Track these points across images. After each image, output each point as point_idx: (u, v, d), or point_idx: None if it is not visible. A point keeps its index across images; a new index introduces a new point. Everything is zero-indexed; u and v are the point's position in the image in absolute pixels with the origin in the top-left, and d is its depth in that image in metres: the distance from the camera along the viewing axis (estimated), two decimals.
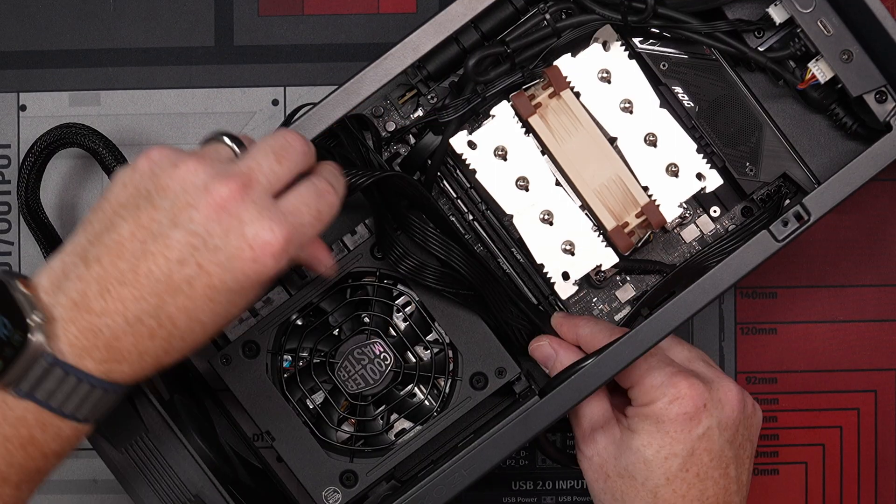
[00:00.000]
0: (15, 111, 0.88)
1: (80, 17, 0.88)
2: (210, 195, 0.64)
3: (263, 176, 0.66)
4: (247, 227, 0.64)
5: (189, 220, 0.64)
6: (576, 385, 0.75)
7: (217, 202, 0.64)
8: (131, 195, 0.66)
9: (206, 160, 0.66)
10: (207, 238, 0.64)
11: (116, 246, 0.65)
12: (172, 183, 0.65)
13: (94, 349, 0.64)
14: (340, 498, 0.79)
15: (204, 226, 0.64)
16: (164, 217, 0.64)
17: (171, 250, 0.64)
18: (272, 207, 0.65)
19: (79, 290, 0.64)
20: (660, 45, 0.81)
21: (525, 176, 0.79)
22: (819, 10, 0.77)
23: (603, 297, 0.82)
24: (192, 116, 0.88)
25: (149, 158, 0.66)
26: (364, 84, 0.75)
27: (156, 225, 0.64)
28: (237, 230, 0.64)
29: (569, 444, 0.89)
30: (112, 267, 0.64)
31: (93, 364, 0.65)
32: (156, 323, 0.65)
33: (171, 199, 0.65)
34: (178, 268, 0.64)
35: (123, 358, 0.65)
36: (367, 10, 0.88)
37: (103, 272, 0.64)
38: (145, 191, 0.65)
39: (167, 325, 0.65)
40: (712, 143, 0.81)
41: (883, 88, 0.77)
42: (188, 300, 0.65)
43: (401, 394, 0.81)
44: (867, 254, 0.89)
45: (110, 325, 0.64)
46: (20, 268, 0.88)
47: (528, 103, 0.78)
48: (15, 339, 0.64)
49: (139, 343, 0.65)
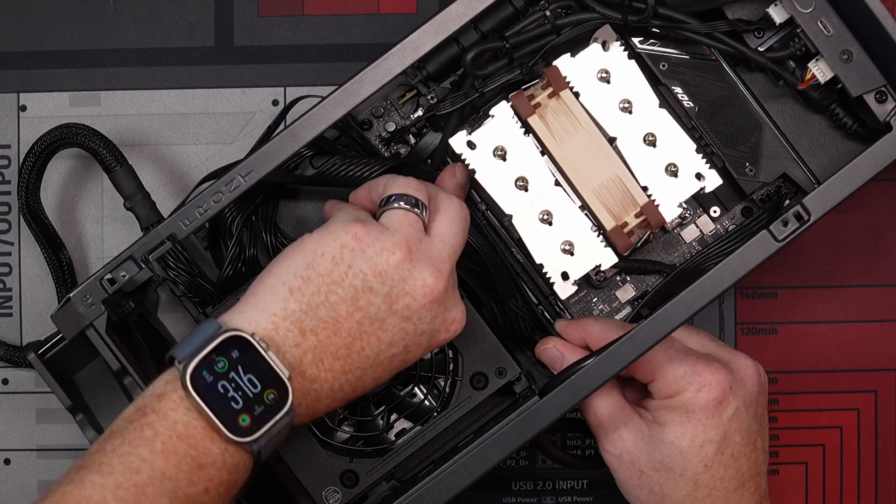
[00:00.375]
0: (15, 111, 0.88)
1: (81, 17, 0.88)
2: (426, 287, 0.71)
3: (456, 257, 0.73)
4: (448, 313, 0.73)
5: (406, 307, 0.71)
6: (576, 385, 0.75)
7: (433, 294, 0.71)
8: (345, 274, 0.71)
9: (411, 242, 0.71)
10: (418, 324, 0.72)
11: (333, 322, 0.70)
12: (389, 270, 0.71)
13: (300, 407, 0.70)
14: (341, 498, 0.79)
15: (418, 314, 0.71)
16: (382, 302, 0.71)
17: (385, 333, 0.71)
18: (458, 295, 0.74)
19: (296, 356, 0.70)
20: (659, 45, 0.81)
21: (524, 176, 0.79)
22: (819, 10, 0.77)
23: (603, 297, 0.82)
24: (193, 117, 0.88)
25: (357, 238, 0.71)
26: (364, 84, 0.76)
27: (374, 309, 0.71)
28: (441, 316, 0.72)
29: (569, 445, 0.89)
30: (328, 341, 0.70)
31: (295, 418, 0.70)
32: (351, 390, 0.72)
33: (388, 286, 0.71)
34: (387, 348, 0.71)
35: (313, 413, 0.71)
36: (367, 10, 0.88)
37: (319, 344, 0.70)
38: (360, 272, 0.70)
39: (358, 391, 0.72)
40: (712, 143, 0.81)
41: (883, 88, 0.77)
42: (384, 372, 0.72)
43: (401, 394, 0.81)
44: (867, 254, 0.89)
45: (317, 391, 0.70)
46: (20, 268, 0.88)
47: (528, 103, 0.78)
48: (268, 398, 0.68)
49: (332, 405, 0.72)
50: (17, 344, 0.88)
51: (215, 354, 0.68)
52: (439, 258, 0.72)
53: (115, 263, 0.76)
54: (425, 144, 0.81)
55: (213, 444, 0.67)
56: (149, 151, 0.88)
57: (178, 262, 0.79)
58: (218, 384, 0.67)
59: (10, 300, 0.88)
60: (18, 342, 0.88)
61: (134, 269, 0.76)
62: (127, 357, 0.76)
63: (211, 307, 0.80)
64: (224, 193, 0.76)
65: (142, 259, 0.76)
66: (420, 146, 0.81)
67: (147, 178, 0.84)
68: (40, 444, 0.88)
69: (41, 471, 0.88)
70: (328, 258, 0.71)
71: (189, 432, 0.67)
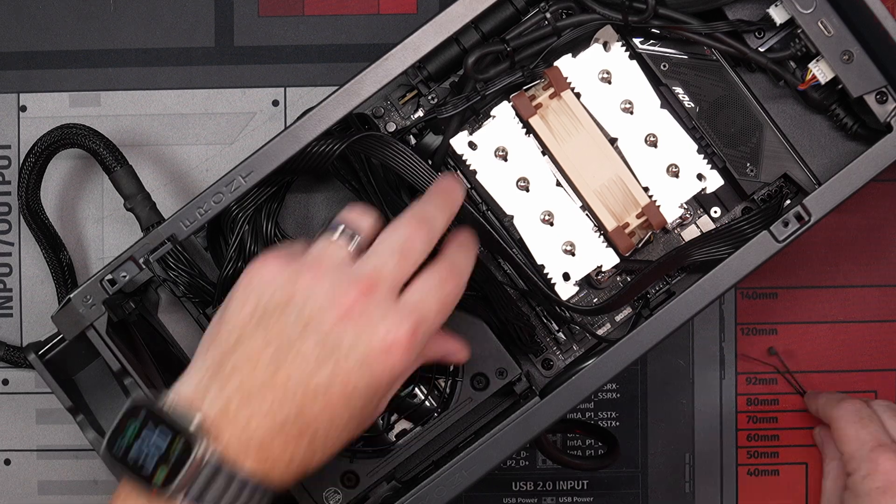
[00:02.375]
0: (15, 112, 0.88)
1: (81, 17, 0.88)
2: (335, 303, 0.67)
3: (388, 275, 0.68)
4: (375, 328, 0.67)
5: (318, 328, 0.67)
6: (576, 385, 0.75)
7: (344, 309, 0.67)
8: (252, 310, 0.68)
9: (323, 268, 0.68)
10: (338, 343, 0.67)
11: (249, 359, 0.67)
12: (296, 294, 0.68)
13: (246, 457, 0.66)
14: (341, 498, 0.79)
15: (334, 332, 0.67)
16: (293, 328, 0.67)
17: (305, 357, 0.67)
18: (396, 305, 0.68)
19: (221, 402, 0.67)
20: (660, 45, 0.81)
21: (525, 176, 0.79)
22: (819, 10, 0.77)
23: (603, 297, 0.82)
24: (193, 117, 0.88)
25: (261, 271, 0.69)
26: (364, 85, 0.76)
27: (286, 336, 0.67)
28: (368, 332, 0.67)
29: (569, 445, 0.89)
30: (250, 377, 0.67)
31: (250, 466, 0.67)
32: (300, 427, 0.67)
33: (297, 311, 0.67)
34: (315, 372, 0.67)
35: (274, 462, 0.67)
36: (367, 10, 0.88)
37: (242, 383, 0.67)
38: (267, 304, 0.68)
39: (311, 429, 0.67)
40: (713, 143, 0.81)
41: (883, 89, 0.77)
42: (326, 405, 0.67)
43: (402, 394, 0.81)
44: (868, 254, 0.89)
45: (258, 430, 0.67)
46: (20, 268, 0.88)
47: (529, 104, 0.78)
48: (178, 447, 0.66)
49: (287, 447, 0.67)
50: (17, 344, 0.88)
51: (125, 420, 0.67)
52: (356, 276, 0.68)
53: (115, 264, 0.76)
54: (426, 145, 0.81)
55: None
56: (149, 152, 0.88)
57: (178, 263, 0.79)
58: (132, 447, 0.67)
59: (11, 301, 0.88)
60: (19, 343, 0.88)
61: (134, 270, 0.76)
62: (127, 358, 0.76)
63: (211, 307, 0.80)
64: (224, 194, 0.76)
65: (142, 260, 0.76)
66: (421, 146, 0.81)
67: (147, 179, 0.85)
68: (40, 444, 0.88)
69: (41, 471, 0.88)
70: (236, 301, 0.69)
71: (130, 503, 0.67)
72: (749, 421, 0.89)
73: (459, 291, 0.71)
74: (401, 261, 0.69)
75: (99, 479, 0.88)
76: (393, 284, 0.69)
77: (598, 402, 0.89)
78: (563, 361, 0.82)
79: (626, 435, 0.89)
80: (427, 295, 0.69)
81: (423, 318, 0.69)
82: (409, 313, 0.68)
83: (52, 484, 0.88)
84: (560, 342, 0.82)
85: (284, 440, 0.67)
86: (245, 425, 0.66)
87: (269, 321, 0.68)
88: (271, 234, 0.81)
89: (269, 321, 0.68)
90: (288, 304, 0.68)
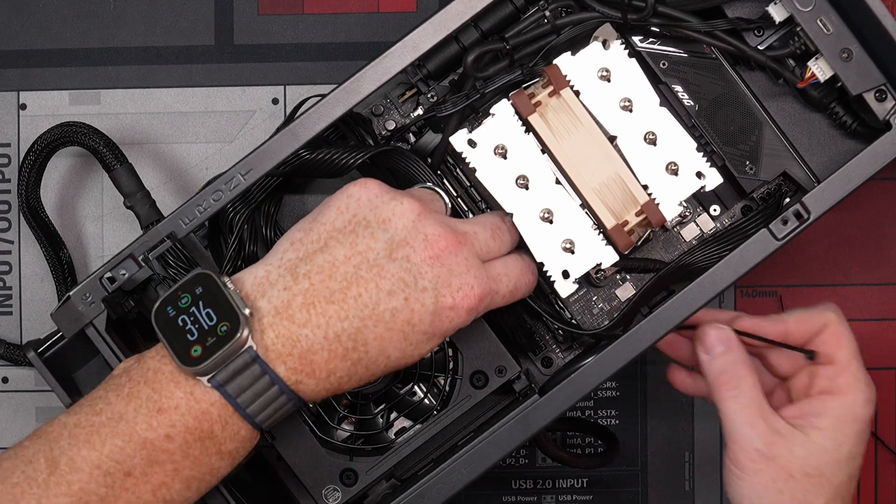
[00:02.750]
0: (15, 110, 0.88)
1: (81, 15, 0.88)
2: (428, 241, 0.69)
3: (478, 242, 0.72)
4: (454, 278, 0.69)
5: (405, 257, 0.68)
6: (575, 383, 0.75)
7: (434, 249, 0.69)
8: (348, 221, 0.69)
9: (425, 205, 0.70)
10: (419, 278, 0.68)
11: (329, 266, 0.68)
12: (394, 218, 0.69)
13: (289, 356, 0.67)
14: (340, 496, 0.79)
15: (418, 266, 0.69)
16: (382, 248, 0.69)
17: (383, 280, 0.68)
18: (479, 267, 0.71)
19: (283, 299, 0.68)
20: (659, 43, 0.81)
21: (525, 174, 0.79)
22: (819, 8, 0.77)
23: (603, 295, 0.82)
24: (193, 115, 0.88)
25: (366, 188, 0.70)
26: (364, 83, 0.76)
27: (372, 254, 0.68)
28: (445, 279, 0.69)
29: (568, 443, 0.89)
30: (321, 285, 0.68)
31: (284, 371, 0.67)
32: (351, 345, 0.68)
33: (390, 233, 0.69)
34: (386, 298, 0.68)
35: (313, 372, 0.68)
36: (366, 8, 0.88)
37: (311, 287, 0.68)
38: (364, 219, 0.69)
39: (360, 350, 0.68)
40: (712, 141, 0.81)
41: (882, 87, 0.77)
42: (386, 330, 0.68)
43: (401, 392, 0.81)
44: (867, 253, 0.89)
45: (309, 337, 0.67)
46: (20, 266, 0.88)
47: (528, 102, 0.78)
48: (220, 329, 0.66)
49: (331, 361, 0.68)
50: (16, 342, 0.88)
51: (181, 291, 0.68)
52: (453, 227, 0.70)
53: (114, 262, 0.76)
54: (425, 143, 0.81)
55: (177, 388, 0.67)
56: (149, 150, 0.88)
57: (178, 261, 0.79)
58: (178, 318, 0.68)
59: (10, 298, 0.88)
60: (18, 340, 0.88)
61: (134, 268, 0.76)
62: (127, 355, 0.76)
63: None
64: (224, 192, 0.76)
65: (142, 258, 0.76)
66: (420, 144, 0.81)
67: (147, 177, 0.85)
68: None
69: None
70: (333, 208, 0.70)
71: (156, 377, 0.67)
72: None
73: (530, 289, 0.75)
74: (493, 236, 0.73)
75: None
76: (480, 250, 0.72)
77: (598, 400, 0.89)
78: (563, 359, 0.82)
79: (625, 433, 0.89)
80: (509, 271, 0.73)
81: (495, 290, 0.72)
82: (487, 279, 0.71)
83: None
84: (559, 340, 0.82)
85: (330, 354, 0.68)
86: (299, 328, 0.67)
87: (360, 236, 0.69)
88: (271, 232, 0.81)
89: (360, 236, 0.69)
90: (383, 226, 0.69)
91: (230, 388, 0.67)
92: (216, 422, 0.67)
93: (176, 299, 0.68)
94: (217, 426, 0.67)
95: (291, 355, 0.67)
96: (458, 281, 0.69)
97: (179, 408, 0.67)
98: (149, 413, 0.67)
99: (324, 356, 0.68)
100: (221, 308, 0.67)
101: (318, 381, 0.68)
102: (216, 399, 0.67)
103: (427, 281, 0.69)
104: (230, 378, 0.67)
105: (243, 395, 0.67)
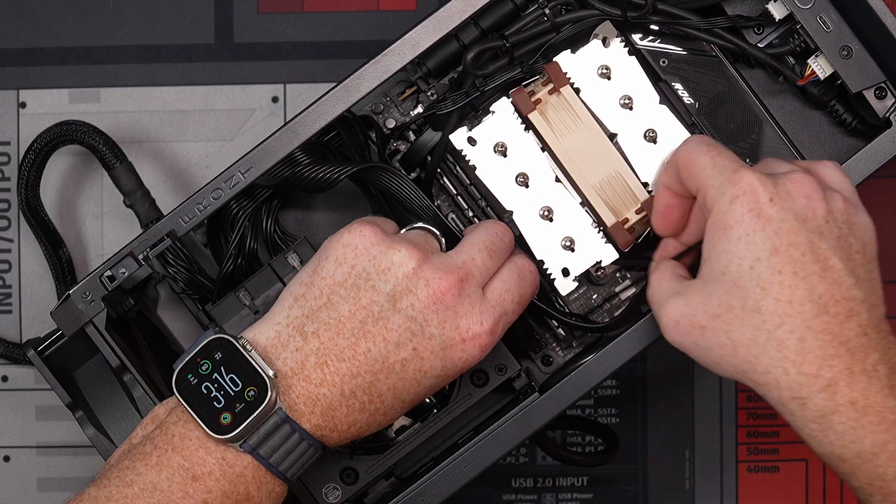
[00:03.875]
0: (15, 108, 0.88)
1: (80, 14, 0.88)
2: (430, 286, 0.69)
3: (477, 270, 0.71)
4: (461, 319, 0.70)
5: (409, 306, 0.69)
6: (575, 382, 0.75)
7: (437, 294, 0.69)
8: (348, 274, 0.70)
9: (421, 249, 0.70)
10: (425, 326, 0.69)
11: (336, 323, 0.69)
12: (393, 267, 0.69)
13: (312, 414, 0.68)
14: (340, 495, 0.79)
15: (423, 314, 0.69)
16: (385, 300, 0.69)
17: (389, 332, 0.69)
18: (483, 301, 0.71)
19: (297, 360, 0.68)
20: (659, 41, 0.81)
21: (525, 172, 0.79)
22: (818, 6, 0.77)
23: (603, 293, 0.82)
24: (192, 114, 0.88)
25: (362, 236, 0.70)
26: (364, 81, 0.76)
27: (376, 307, 0.69)
28: (452, 322, 0.69)
29: (569, 441, 0.89)
30: (331, 342, 0.69)
31: (310, 427, 0.68)
32: (367, 399, 0.69)
33: (391, 284, 0.69)
34: (395, 350, 0.69)
35: (336, 427, 0.69)
36: (366, 7, 0.89)
37: (321, 346, 0.68)
38: (363, 271, 0.69)
39: (376, 402, 0.69)
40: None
41: (882, 84, 0.77)
42: (399, 381, 0.69)
43: None
44: None
45: (327, 396, 0.68)
46: (20, 265, 0.88)
47: (528, 99, 0.78)
48: (248, 395, 0.67)
49: (350, 415, 0.69)
50: (16, 341, 0.88)
51: (200, 358, 0.68)
52: (451, 265, 0.70)
53: (114, 260, 0.76)
54: (425, 141, 0.81)
55: (209, 454, 0.67)
56: (148, 148, 0.88)
57: (177, 259, 0.79)
58: (202, 386, 0.68)
59: (10, 297, 0.88)
60: (18, 339, 0.88)
61: (133, 266, 0.76)
62: (126, 354, 0.76)
63: (210, 304, 0.80)
64: (224, 190, 0.76)
65: (141, 256, 0.76)
66: (420, 142, 0.81)
67: (147, 175, 0.84)
68: (39, 441, 0.88)
69: (40, 468, 0.88)
70: (332, 261, 0.70)
71: (184, 444, 0.67)
72: (749, 417, 0.89)
73: (535, 289, 0.75)
74: (488, 257, 0.72)
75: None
76: (481, 278, 0.71)
77: (598, 399, 0.89)
78: (563, 357, 0.82)
79: (625, 431, 0.89)
80: (509, 286, 0.72)
81: (504, 312, 0.72)
82: (494, 307, 0.71)
83: (52, 481, 0.88)
84: (560, 338, 0.82)
85: (349, 409, 0.69)
86: (316, 388, 0.68)
87: (362, 290, 0.69)
88: (271, 231, 0.81)
89: (362, 290, 0.69)
90: (383, 276, 0.69)
91: (262, 450, 0.68)
92: (251, 483, 0.68)
93: (195, 366, 0.68)
94: (252, 487, 0.68)
95: (314, 413, 0.68)
96: (466, 322, 0.70)
97: (213, 474, 0.67)
98: (183, 481, 0.66)
99: (343, 412, 0.69)
100: (245, 372, 0.68)
101: (340, 434, 0.70)
102: (249, 462, 0.68)
103: (434, 328, 0.69)
104: (262, 441, 0.68)
105: (275, 455, 0.68)
